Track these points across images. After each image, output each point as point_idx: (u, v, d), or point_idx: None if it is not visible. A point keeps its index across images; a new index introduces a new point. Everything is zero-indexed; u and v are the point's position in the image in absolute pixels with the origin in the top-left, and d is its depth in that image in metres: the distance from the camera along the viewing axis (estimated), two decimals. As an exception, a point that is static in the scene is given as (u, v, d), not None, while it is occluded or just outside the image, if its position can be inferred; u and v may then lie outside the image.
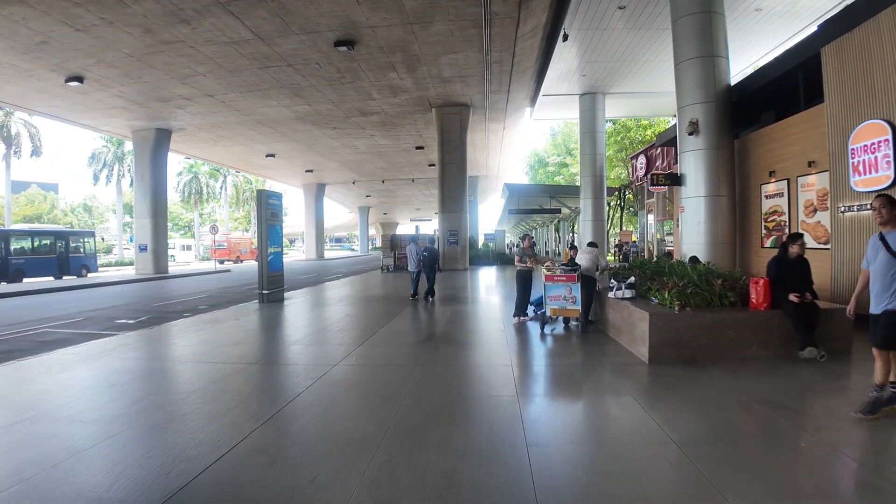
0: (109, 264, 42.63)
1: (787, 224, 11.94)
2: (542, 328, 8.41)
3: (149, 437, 4.11)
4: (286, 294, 14.79)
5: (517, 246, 32.00)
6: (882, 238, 4.31)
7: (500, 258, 34.07)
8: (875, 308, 4.35)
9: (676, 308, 6.48)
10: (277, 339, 8.54)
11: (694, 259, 10.95)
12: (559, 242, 43.59)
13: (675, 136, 19.04)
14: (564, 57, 21.23)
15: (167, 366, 6.70)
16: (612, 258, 28.53)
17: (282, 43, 17.40)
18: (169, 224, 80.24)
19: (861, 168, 8.65)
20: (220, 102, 24.03)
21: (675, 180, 13.62)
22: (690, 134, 13.10)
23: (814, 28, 19.91)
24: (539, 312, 8.99)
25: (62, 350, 7.66)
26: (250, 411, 4.66)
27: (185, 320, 10.67)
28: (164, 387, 5.70)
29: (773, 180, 12.49)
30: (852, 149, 8.92)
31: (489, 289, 17.16)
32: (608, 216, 30.63)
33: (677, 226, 18.76)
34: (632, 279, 7.54)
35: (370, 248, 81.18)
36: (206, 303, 14.99)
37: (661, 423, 4.23)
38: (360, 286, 19.04)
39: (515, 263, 9.60)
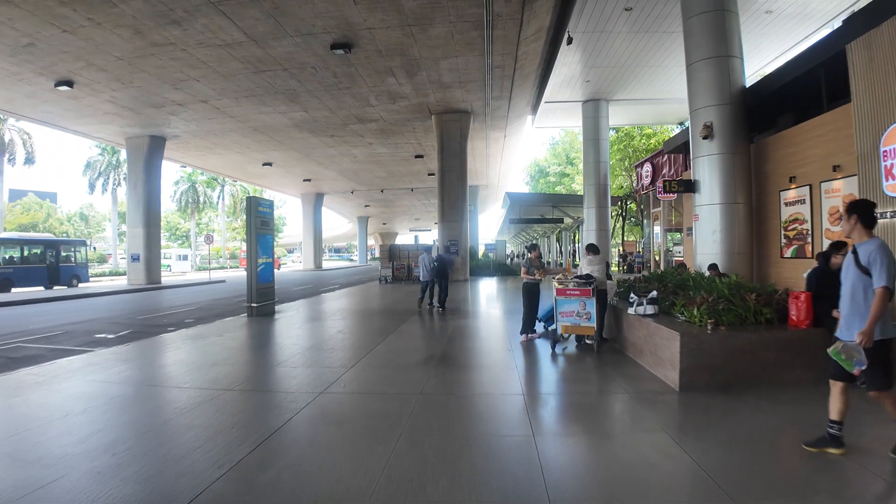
0: (104, 274, 41.77)
1: (809, 233, 11.22)
2: (554, 347, 7.66)
3: (87, 488, 3.36)
4: (278, 307, 14.04)
5: (522, 256, 31.09)
6: (854, 251, 3.80)
7: (501, 269, 33.35)
8: (844, 333, 3.82)
9: (709, 327, 5.73)
10: (261, 359, 7.77)
11: (713, 266, 10.25)
12: (560, 253, 42.78)
13: (684, 143, 18.43)
14: (568, 62, 20.64)
15: (134, 391, 5.92)
16: (617, 269, 27.82)
17: (276, 46, 16.77)
18: (166, 234, 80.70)
19: (895, 171, 7.94)
20: (214, 109, 23.40)
21: (689, 187, 12.93)
22: (705, 138, 12.45)
23: (825, 31, 19.49)
24: (549, 329, 8.26)
25: (26, 369, 6.94)
26: (214, 455, 3.89)
27: (165, 336, 9.92)
28: (123, 419, 4.93)
29: (793, 186, 11.78)
30: (884, 151, 8.20)
31: (492, 301, 16.44)
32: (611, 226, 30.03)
33: (688, 235, 18.07)
34: (654, 293, 6.80)
35: (369, 258, 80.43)
36: (194, 315, 14.24)
37: (708, 469, 3.51)
38: (356, 298, 18.28)
39: (522, 275, 8.87)
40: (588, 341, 7.74)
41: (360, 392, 5.65)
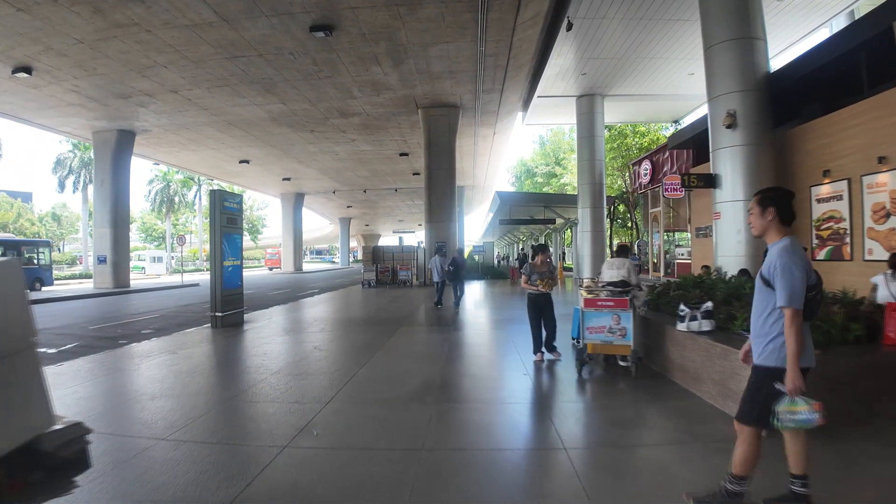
0: (73, 276, 39.65)
1: (847, 232, 10.03)
2: (580, 370, 6.28)
3: None
4: (248, 315, 12.55)
5: (519, 259, 29.63)
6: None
7: (490, 272, 32.17)
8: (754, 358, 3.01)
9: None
10: (215, 388, 6.25)
11: (744, 272, 9.02)
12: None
13: (691, 138, 17.25)
14: (564, 52, 19.39)
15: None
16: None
17: (250, 27, 15.28)
18: (142, 235, 78.27)
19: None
20: (185, 100, 21.77)
21: (710, 181, 11.70)
22: (728, 127, 11.25)
23: (838, 23, 18.53)
24: (576, 345, 6.89)
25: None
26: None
27: (111, 353, 8.37)
28: None
29: (827, 181, 10.60)
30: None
31: (487, 308, 15.06)
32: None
33: (699, 236, 16.89)
34: (709, 305, 5.46)
35: (351, 260, 78.67)
36: (155, 325, 12.66)
37: None
38: (338, 304, 16.79)
39: (522, 285, 7.29)
40: (622, 363, 6.36)
41: (338, 447, 4.13)
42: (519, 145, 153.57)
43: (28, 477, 2.04)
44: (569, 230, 41.01)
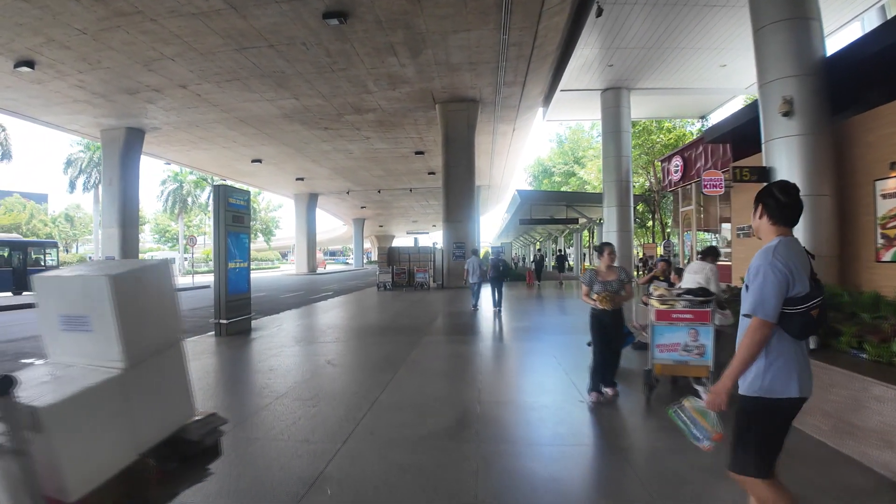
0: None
1: (923, 232, 8.89)
2: (649, 396, 5.15)
3: None
4: (257, 322, 11.60)
5: (533, 261, 28.18)
6: None
7: (509, 274, 31.01)
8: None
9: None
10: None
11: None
12: (565, 258, 40.29)
13: (731, 131, 16.08)
14: (590, 42, 18.38)
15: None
16: (638, 274, 25.45)
17: (259, 15, 14.37)
18: (155, 236, 78.00)
19: None
20: (194, 95, 20.95)
21: (763, 175, 10.56)
22: (785, 114, 10.13)
23: (873, 15, 17.42)
24: (644, 357, 5.75)
25: None
26: None
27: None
28: None
29: (894, 174, 9.45)
30: None
31: (516, 314, 13.90)
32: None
33: (739, 235, 15.73)
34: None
35: (365, 261, 77.85)
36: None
37: None
38: (352, 309, 15.79)
39: (583, 297, 5.64)
40: (697, 386, 5.21)
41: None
42: (536, 144, 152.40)
43: (171, 465, 2.21)
44: (586, 231, 39.87)
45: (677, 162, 20.78)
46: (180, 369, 2.36)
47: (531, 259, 33.02)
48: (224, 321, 9.57)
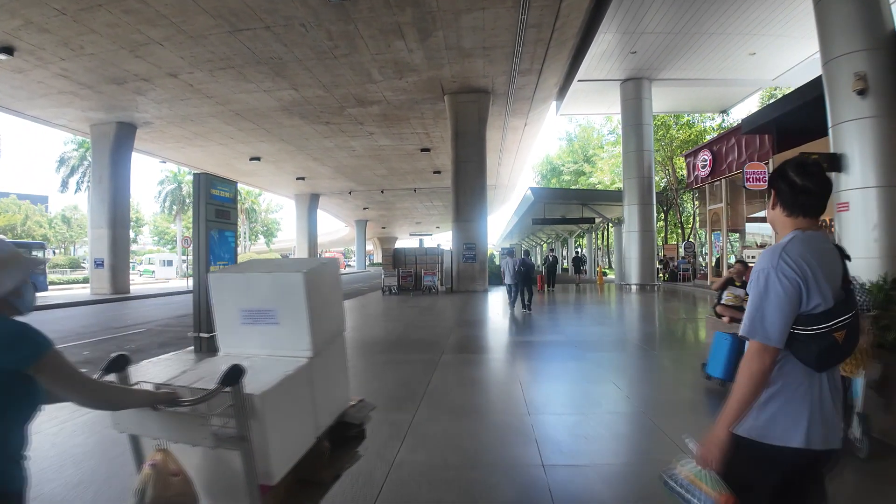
0: (74, 281, 37.72)
1: None
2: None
3: None
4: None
5: (544, 265, 25.72)
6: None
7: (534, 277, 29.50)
8: None
9: None
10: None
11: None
12: (578, 260, 38.72)
13: (773, 120, 14.62)
14: (612, 27, 17.04)
15: None
16: (663, 277, 23.98)
17: (253, -11, 12.98)
18: (155, 238, 76.68)
19: None
20: (186, 86, 19.55)
21: (834, 164, 9.11)
22: (860, 93, 8.76)
23: None
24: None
25: None
26: None
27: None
28: None
29: None
30: None
31: (542, 325, 12.37)
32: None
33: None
34: None
35: (368, 263, 76.34)
36: (133, 344, 10.30)
37: None
38: (356, 318, 14.17)
39: (725, 318, 4.51)
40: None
41: None
42: (545, 142, 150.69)
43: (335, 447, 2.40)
44: (600, 231, 38.39)
45: (705, 156, 19.35)
46: (343, 357, 2.63)
47: (542, 262, 31.26)
48: (205, 335, 8.04)
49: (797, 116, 13.38)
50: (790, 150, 13.93)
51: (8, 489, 1.55)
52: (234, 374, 1.79)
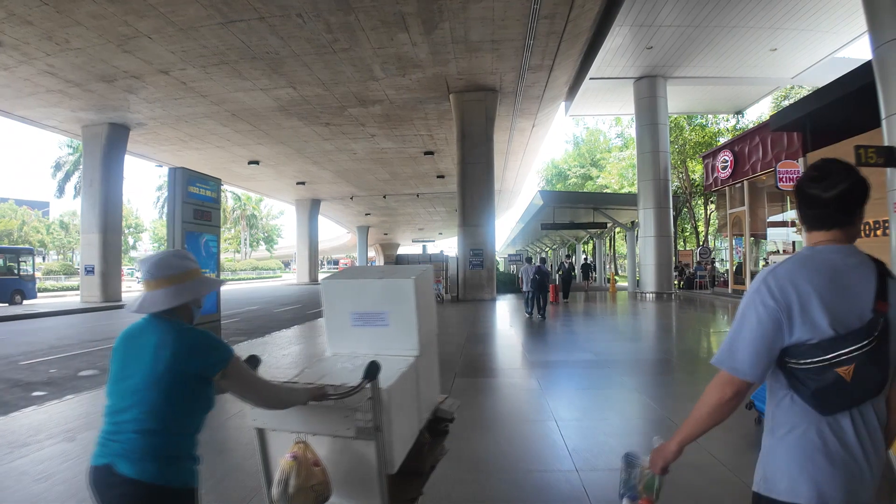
0: (70, 288, 36.72)
1: None
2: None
3: None
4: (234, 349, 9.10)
5: (560, 273, 23.56)
6: None
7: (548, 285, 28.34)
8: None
9: None
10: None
11: None
12: (587, 265, 37.64)
13: (808, 114, 13.57)
14: (629, 21, 16.11)
15: None
16: (678, 284, 22.90)
17: (246, -24, 12.02)
18: (155, 245, 75.73)
19: None
20: (179, 83, 18.60)
21: (892, 157, 8.09)
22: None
23: None
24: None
25: None
26: None
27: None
28: None
29: None
30: None
31: (565, 341, 11.27)
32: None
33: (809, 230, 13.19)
34: None
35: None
36: (100, 363, 9.25)
37: None
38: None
39: None
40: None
41: None
42: (551, 146, 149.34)
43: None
44: (608, 236, 37.34)
45: (725, 157, 18.31)
46: (436, 356, 2.76)
47: (556, 269, 29.77)
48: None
49: (835, 111, 12.36)
50: (825, 149, 12.90)
51: (195, 485, 1.71)
52: (374, 370, 1.95)
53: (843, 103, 11.73)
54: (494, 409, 5.69)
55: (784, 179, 12.84)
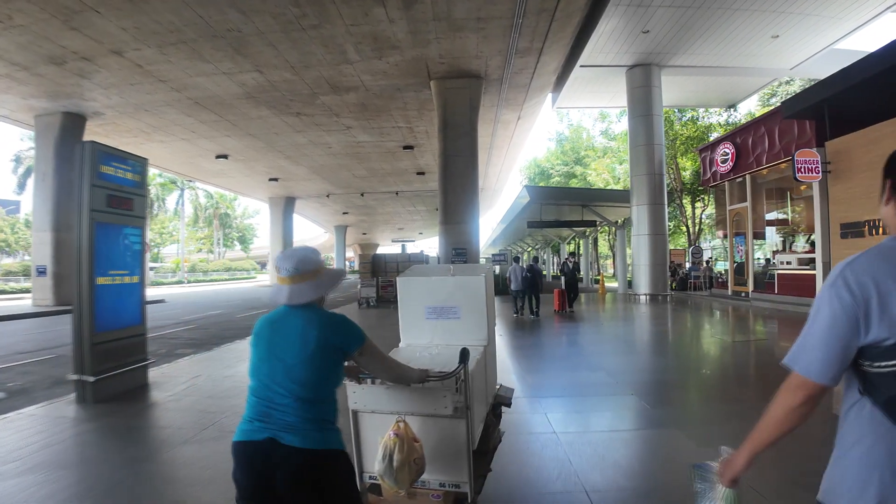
0: (27, 290, 34.53)
1: None
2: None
3: None
4: (160, 371, 7.54)
5: (563, 272, 21.64)
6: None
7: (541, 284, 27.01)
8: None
9: None
10: None
11: None
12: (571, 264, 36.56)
13: (823, 100, 12.41)
14: (625, 1, 14.96)
15: None
16: (671, 285, 21.73)
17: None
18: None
19: None
20: (134, 66, 16.88)
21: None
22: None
23: None
24: None
25: None
26: None
27: None
28: None
29: None
30: None
31: (570, 354, 9.95)
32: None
33: (844, 235, 11.96)
34: None
35: (348, 271, 73.65)
36: (25, 378, 7.67)
37: None
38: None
39: None
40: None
41: None
42: (532, 146, 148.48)
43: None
44: (592, 236, 36.24)
45: (726, 149, 17.12)
46: (495, 346, 2.99)
47: (558, 270, 27.58)
48: (90, 378, 5.41)
49: (856, 95, 11.20)
50: (845, 137, 11.74)
51: (343, 447, 1.91)
52: (466, 355, 2.23)
53: (866, 87, 10.58)
54: (497, 466, 4.26)
55: (802, 170, 11.64)
